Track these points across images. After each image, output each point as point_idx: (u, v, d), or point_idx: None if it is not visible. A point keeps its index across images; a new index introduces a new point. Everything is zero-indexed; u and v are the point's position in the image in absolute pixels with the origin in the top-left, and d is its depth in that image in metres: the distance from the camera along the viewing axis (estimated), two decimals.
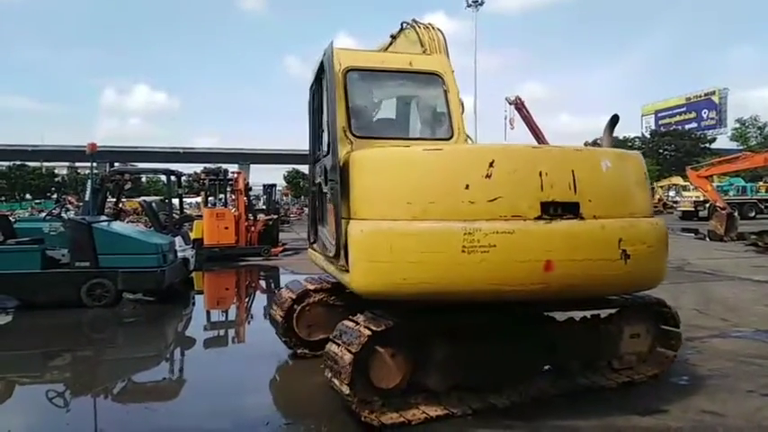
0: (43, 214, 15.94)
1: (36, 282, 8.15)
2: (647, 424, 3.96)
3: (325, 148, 4.59)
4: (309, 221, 5.76)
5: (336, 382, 3.88)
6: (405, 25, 5.52)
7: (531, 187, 3.76)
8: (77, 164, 65.60)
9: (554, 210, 3.78)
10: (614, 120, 5.48)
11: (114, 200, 12.09)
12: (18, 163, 62.08)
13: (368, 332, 3.83)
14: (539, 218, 3.73)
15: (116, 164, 12.72)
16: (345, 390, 3.76)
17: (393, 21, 5.63)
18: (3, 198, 48.99)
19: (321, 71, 4.57)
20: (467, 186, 3.70)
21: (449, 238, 3.59)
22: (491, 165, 3.70)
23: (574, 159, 4.02)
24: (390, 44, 5.71)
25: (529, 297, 3.84)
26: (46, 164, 66.56)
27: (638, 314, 4.79)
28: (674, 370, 4.89)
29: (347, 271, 3.93)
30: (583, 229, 3.80)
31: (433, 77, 5.03)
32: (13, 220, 10.86)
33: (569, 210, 3.82)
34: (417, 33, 5.30)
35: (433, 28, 5.46)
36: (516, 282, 3.67)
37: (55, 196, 50.77)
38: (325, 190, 4.31)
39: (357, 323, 4.00)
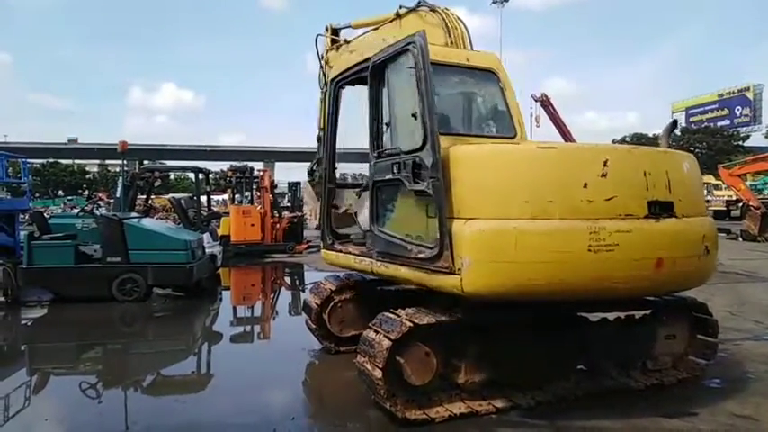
0: (76, 211, 16.35)
1: (69, 276, 8.39)
2: (676, 426, 3.90)
3: (404, 143, 4.26)
4: (324, 221, 5.48)
5: (369, 366, 3.90)
6: (422, 5, 5.12)
7: (639, 187, 3.91)
8: (107, 161, 67.08)
9: (656, 209, 3.93)
10: (674, 124, 5.62)
11: (144, 197, 12.33)
12: (51, 160, 63.79)
13: (410, 324, 3.87)
14: (647, 216, 3.88)
15: (145, 162, 12.97)
16: (377, 374, 3.77)
17: None
18: (37, 195, 50.44)
19: (389, 62, 4.42)
20: (585, 185, 3.76)
21: (576, 237, 3.66)
22: (605, 164, 3.80)
23: (666, 161, 4.21)
24: (392, 21, 5.36)
25: (639, 294, 4.11)
26: (77, 161, 68.25)
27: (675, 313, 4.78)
28: (705, 372, 4.79)
29: (451, 273, 3.72)
30: (681, 228, 4.02)
31: (488, 74, 4.88)
32: (48, 216, 11.17)
33: (666, 209, 3.99)
34: (444, 19, 5.01)
35: (453, 15, 5.14)
36: (634, 279, 3.83)
37: (86, 193, 52.01)
38: (413, 187, 3.97)
39: (398, 315, 4.03)
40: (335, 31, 6.31)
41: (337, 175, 5.77)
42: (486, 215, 3.73)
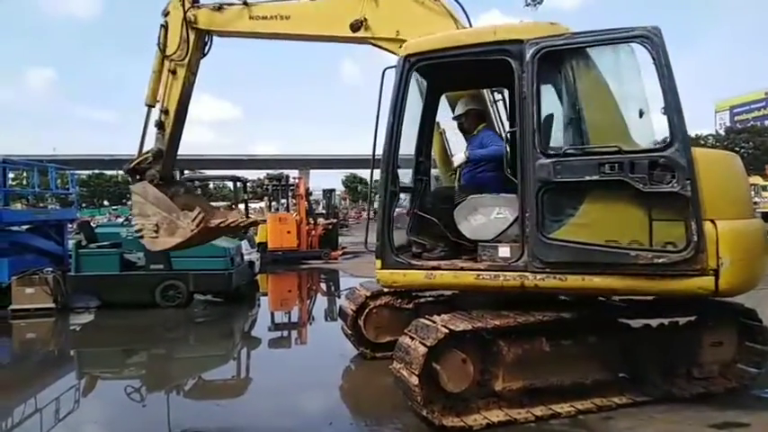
0: (120, 220, 16.92)
1: (115, 283, 8.69)
2: None
3: (622, 141, 3.97)
4: (385, 234, 4.56)
5: (405, 373, 3.89)
6: None
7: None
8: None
9: None
10: None
11: None
12: (96, 172, 66.15)
13: (445, 330, 3.85)
14: None
15: (186, 171, 13.33)
16: (414, 381, 3.76)
17: None
18: (84, 205, 52.37)
19: (581, 50, 4.11)
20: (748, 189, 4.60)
21: (762, 232, 4.14)
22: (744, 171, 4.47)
23: None
24: None
25: None
26: (121, 172, 70.57)
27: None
28: (757, 382, 4.59)
29: (702, 274, 3.78)
30: None
31: None
32: (94, 225, 11.58)
33: None
34: (451, 12, 4.68)
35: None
36: None
37: (130, 203, 53.65)
38: (651, 189, 3.76)
39: (434, 322, 4.01)
40: None
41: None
42: (724, 215, 3.89)
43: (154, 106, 5.52)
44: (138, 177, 5.53)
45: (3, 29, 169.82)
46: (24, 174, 11.39)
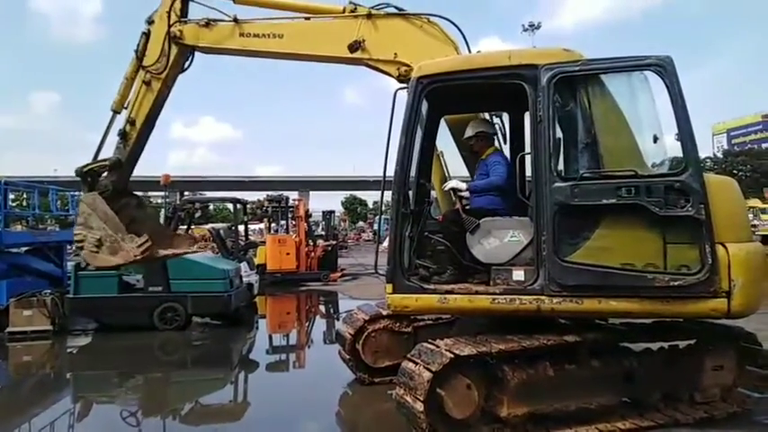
0: None
1: (113, 305, 8.64)
2: None
3: (637, 165, 4.11)
4: (396, 256, 4.42)
5: (409, 399, 3.82)
6: (420, 15, 4.79)
7: None
8: (150, 193, 69.17)
9: None
10: None
11: (185, 227, 12.66)
12: None
13: (450, 355, 3.80)
14: None
15: (186, 193, 13.36)
16: (419, 407, 3.70)
17: None
18: None
19: (596, 76, 4.19)
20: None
21: (763, 256, 4.19)
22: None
23: None
24: (353, 18, 4.93)
25: None
26: None
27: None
28: (760, 407, 4.54)
29: (714, 296, 3.87)
30: None
31: None
32: None
33: None
34: (453, 40, 4.75)
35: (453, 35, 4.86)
36: None
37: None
38: (667, 213, 3.85)
39: (438, 346, 3.96)
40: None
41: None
42: (733, 239, 4.00)
43: (119, 113, 5.36)
44: (89, 180, 5.33)
45: (10, 52, 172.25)
46: (25, 195, 11.39)
